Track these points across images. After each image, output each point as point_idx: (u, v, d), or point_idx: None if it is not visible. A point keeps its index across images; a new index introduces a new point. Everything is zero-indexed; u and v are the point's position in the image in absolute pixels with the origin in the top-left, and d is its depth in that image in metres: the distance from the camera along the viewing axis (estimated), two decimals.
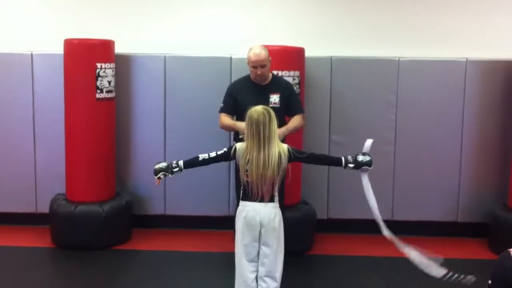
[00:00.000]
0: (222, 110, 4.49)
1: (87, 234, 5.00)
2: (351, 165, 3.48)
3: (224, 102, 4.51)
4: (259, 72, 4.34)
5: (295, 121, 4.44)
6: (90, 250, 4.98)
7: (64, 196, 5.25)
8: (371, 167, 3.50)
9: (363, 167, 3.49)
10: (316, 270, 4.79)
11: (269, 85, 4.45)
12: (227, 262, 3.94)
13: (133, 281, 4.47)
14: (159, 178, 3.47)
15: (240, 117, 4.36)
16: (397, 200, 5.56)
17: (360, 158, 3.48)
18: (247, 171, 3.34)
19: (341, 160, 3.49)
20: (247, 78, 4.52)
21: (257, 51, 4.32)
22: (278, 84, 4.50)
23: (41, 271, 4.71)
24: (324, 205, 5.55)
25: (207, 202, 5.58)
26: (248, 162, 3.32)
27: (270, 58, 4.40)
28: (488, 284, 2.16)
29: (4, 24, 5.69)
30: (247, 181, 3.35)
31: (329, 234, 5.31)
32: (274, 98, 4.41)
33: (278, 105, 4.37)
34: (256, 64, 4.32)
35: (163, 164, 3.49)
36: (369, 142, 3.53)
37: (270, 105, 4.18)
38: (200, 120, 5.43)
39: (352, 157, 3.48)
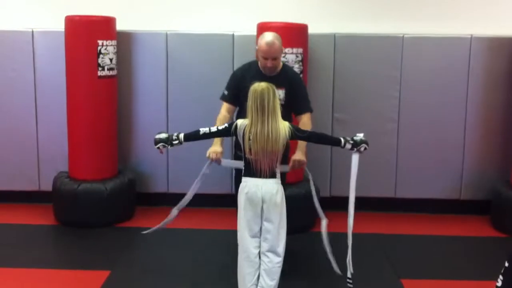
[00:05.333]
0: (225, 98, 4.03)
1: (90, 211, 5.02)
2: (351, 142, 3.52)
3: (227, 88, 4.04)
4: (269, 65, 3.81)
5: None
6: (93, 227, 5.00)
7: (67, 174, 5.26)
8: (368, 148, 3.55)
9: (362, 145, 3.52)
10: (319, 247, 4.78)
11: (276, 78, 3.86)
12: (230, 239, 3.95)
13: (135, 259, 4.49)
14: (159, 148, 3.50)
15: (243, 109, 3.96)
16: (400, 177, 5.55)
17: (358, 137, 3.54)
18: (250, 146, 3.33)
19: (340, 141, 3.53)
20: (254, 65, 4.01)
21: (270, 40, 3.77)
22: (285, 77, 3.95)
23: (44, 248, 4.74)
24: (327, 183, 5.55)
25: (209, 180, 5.52)
26: (251, 136, 3.30)
27: (283, 49, 3.94)
28: (505, 266, 2.12)
29: (5, 2, 5.64)
30: (250, 158, 3.36)
31: (332, 211, 5.29)
32: (279, 94, 3.82)
33: (283, 102, 3.83)
34: (267, 56, 3.78)
35: (163, 135, 3.51)
36: (360, 135, 3.59)
37: None
38: (203, 97, 5.40)
39: (350, 137, 3.54)
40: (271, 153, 3.32)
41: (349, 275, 3.64)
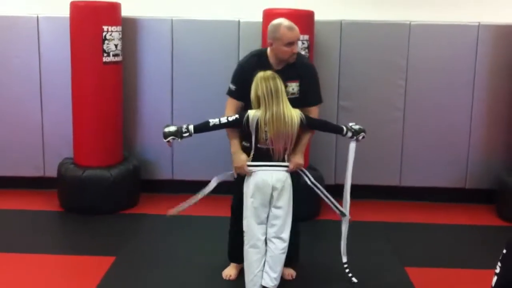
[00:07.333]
0: (231, 94, 3.60)
1: (95, 198, 5.02)
2: (352, 131, 3.61)
3: (234, 83, 3.58)
4: (296, 49, 3.47)
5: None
6: (98, 214, 5.00)
7: (71, 160, 5.26)
8: (365, 137, 3.67)
9: (361, 133, 3.62)
10: (324, 235, 4.80)
11: (286, 70, 3.51)
12: None
13: (140, 245, 4.49)
14: (168, 141, 3.44)
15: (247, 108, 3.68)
16: (405, 166, 5.54)
17: (357, 126, 3.65)
18: (265, 135, 3.34)
19: (343, 129, 3.61)
20: (261, 57, 3.58)
21: (289, 24, 3.43)
22: (296, 68, 3.54)
23: (49, 234, 4.75)
24: (331, 171, 5.53)
25: (214, 167, 5.51)
26: (266, 122, 3.31)
27: None
28: (503, 253, 2.12)
29: None
30: (263, 148, 3.40)
31: (337, 199, 5.30)
32: (292, 87, 3.55)
33: (297, 95, 3.57)
34: (294, 39, 3.42)
35: (172, 128, 3.44)
36: (354, 124, 3.71)
37: (287, 97, 3.44)
38: (208, 85, 5.39)
39: (349, 126, 3.65)
40: (286, 136, 3.34)
41: (344, 260, 3.81)
